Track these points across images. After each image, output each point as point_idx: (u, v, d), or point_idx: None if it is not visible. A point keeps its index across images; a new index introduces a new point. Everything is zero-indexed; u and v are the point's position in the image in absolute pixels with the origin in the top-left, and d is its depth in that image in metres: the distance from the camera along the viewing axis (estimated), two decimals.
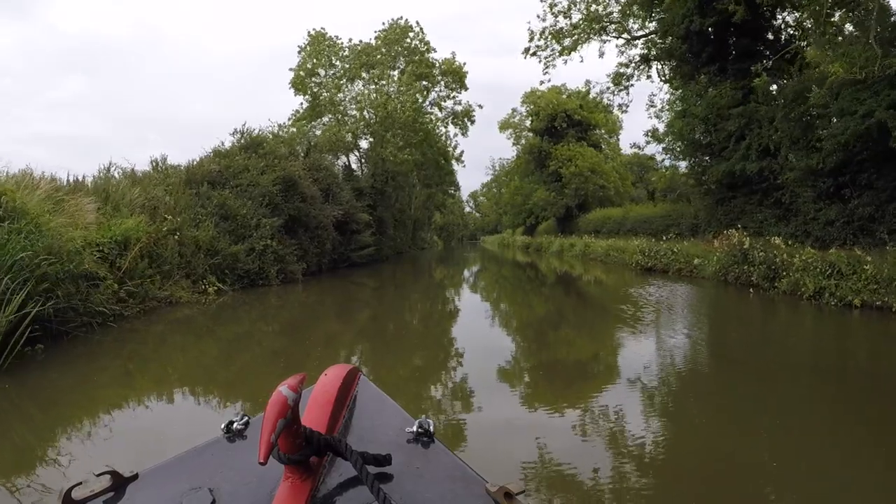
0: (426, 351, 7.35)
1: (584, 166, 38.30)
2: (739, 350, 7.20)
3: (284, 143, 18.78)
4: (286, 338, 8.38)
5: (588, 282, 17.91)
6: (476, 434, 3.98)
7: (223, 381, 5.72)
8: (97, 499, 0.92)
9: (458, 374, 5.91)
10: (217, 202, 12.72)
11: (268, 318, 10.53)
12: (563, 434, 3.97)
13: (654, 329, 8.49)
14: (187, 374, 6.02)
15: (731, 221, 18.62)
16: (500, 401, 4.82)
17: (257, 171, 14.44)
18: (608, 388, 5.31)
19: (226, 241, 12.23)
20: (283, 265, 13.49)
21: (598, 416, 4.40)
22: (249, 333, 8.52)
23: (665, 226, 24.34)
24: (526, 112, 45.78)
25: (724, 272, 14.11)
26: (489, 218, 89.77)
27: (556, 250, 33.31)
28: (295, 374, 0.87)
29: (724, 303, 11.80)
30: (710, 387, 5.47)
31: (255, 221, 13.09)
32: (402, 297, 14.33)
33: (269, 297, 12.51)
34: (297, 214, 14.81)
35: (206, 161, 15.26)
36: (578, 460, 3.41)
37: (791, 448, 3.70)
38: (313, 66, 30.69)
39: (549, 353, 7.22)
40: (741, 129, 17.09)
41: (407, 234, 38.90)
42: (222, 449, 1.04)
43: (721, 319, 10.05)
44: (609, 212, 33.86)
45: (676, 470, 3.43)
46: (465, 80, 30.97)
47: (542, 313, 11.40)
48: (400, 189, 30.21)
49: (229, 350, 7.36)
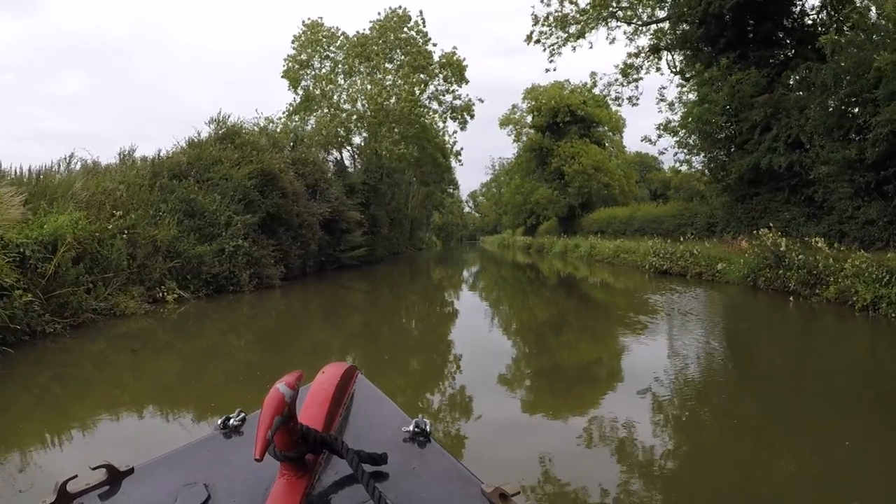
0: (413, 378, 5.82)
1: (588, 164, 36.83)
2: (789, 372, 5.76)
3: (267, 134, 17.24)
4: (257, 353, 6.90)
5: (599, 286, 16.40)
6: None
7: (176, 409, 4.28)
8: (92, 492, 0.90)
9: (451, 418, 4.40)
10: (180, 196, 11.20)
11: (236, 329, 9.02)
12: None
13: (687, 345, 6.99)
14: (119, 401, 4.51)
15: (753, 221, 17.17)
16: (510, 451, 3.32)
17: (231, 163, 12.92)
18: (652, 425, 3.82)
19: (190, 241, 10.72)
20: (257, 268, 11.95)
21: (649, 465, 2.91)
22: (211, 351, 6.99)
23: (677, 226, 22.89)
24: (527, 108, 44.38)
25: (752, 277, 12.63)
26: (489, 218, 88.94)
27: (559, 251, 31.81)
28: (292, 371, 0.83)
29: (761, 313, 10.28)
30: (769, 420, 3.99)
31: (225, 219, 11.57)
32: (393, 304, 12.82)
33: (240, 306, 11.00)
34: (277, 212, 13.29)
35: (177, 153, 13.77)
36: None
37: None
38: (308, 56, 29.21)
39: (565, 376, 5.71)
40: (767, 118, 15.59)
41: (404, 233, 37.39)
42: (218, 445, 1.03)
43: (763, 334, 8.54)
44: (615, 211, 32.40)
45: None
46: (464, 73, 29.42)
47: (550, 322, 9.87)
48: (396, 186, 28.66)
49: (187, 370, 5.88)
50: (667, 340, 7.44)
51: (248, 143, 14.23)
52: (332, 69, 28.24)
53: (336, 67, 28.32)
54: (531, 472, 3.14)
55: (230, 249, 11.20)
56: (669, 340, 7.44)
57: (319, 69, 29.15)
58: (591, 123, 40.80)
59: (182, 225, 10.98)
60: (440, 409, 4.63)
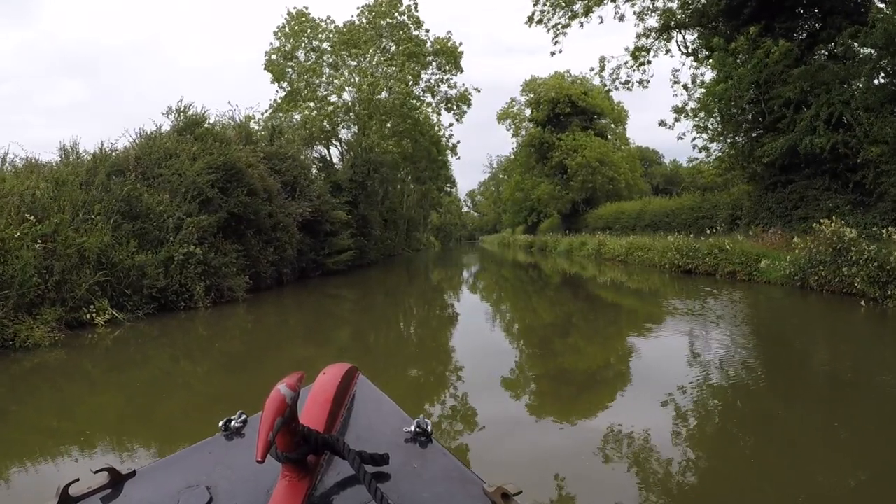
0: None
1: (592, 156, 34.91)
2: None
3: (240, 126, 15.34)
4: (217, 382, 5.03)
5: (616, 288, 14.51)
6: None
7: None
8: (94, 496, 0.89)
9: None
10: (120, 195, 9.31)
11: (191, 355, 7.13)
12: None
13: (761, 372, 5.09)
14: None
15: (787, 212, 15.32)
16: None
17: (188, 156, 11.03)
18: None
19: (128, 249, 8.82)
20: (216, 279, 10.04)
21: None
22: (153, 386, 5.09)
23: (694, 219, 21.04)
24: (526, 101, 42.50)
25: (800, 276, 10.78)
26: (488, 217, 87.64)
27: (563, 250, 29.93)
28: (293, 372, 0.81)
29: (839, 324, 8.35)
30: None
31: (175, 221, 9.68)
32: (384, 314, 10.92)
33: (194, 325, 9.10)
34: (243, 212, 11.37)
35: (128, 148, 11.89)
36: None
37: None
38: (292, 47, 27.32)
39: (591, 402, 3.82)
40: (803, 94, 13.70)
41: (399, 235, 35.48)
42: (220, 447, 1.02)
43: (870, 357, 6.64)
44: (622, 206, 30.53)
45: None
46: (459, 60, 27.49)
47: (574, 345, 7.98)
48: (388, 183, 26.69)
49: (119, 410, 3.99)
50: (749, 375, 5.54)
51: (211, 133, 12.31)
52: (318, 58, 26.32)
53: (322, 58, 26.41)
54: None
55: (180, 257, 9.30)
56: (752, 376, 5.54)
57: (305, 61, 27.27)
58: (593, 115, 38.96)
59: (121, 229, 9.08)
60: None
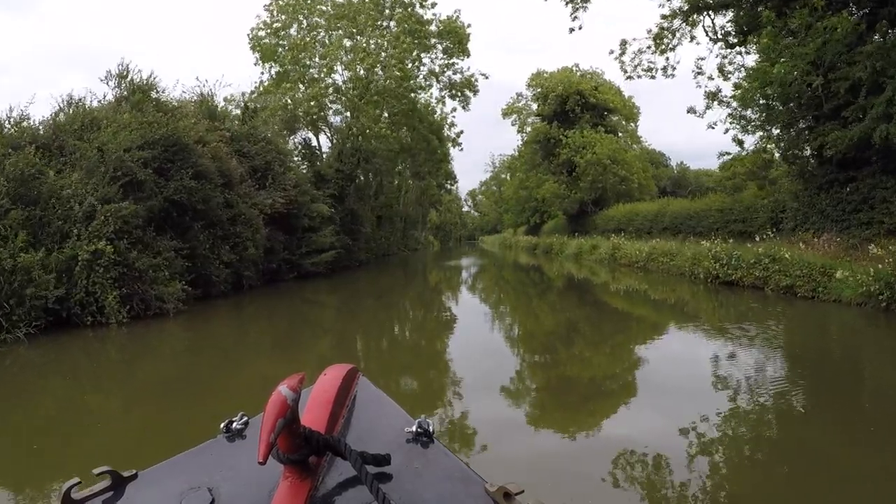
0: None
1: (604, 154, 32.59)
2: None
3: (201, 103, 12.99)
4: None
5: (656, 306, 12.20)
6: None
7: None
8: (96, 498, 0.89)
9: None
10: (11, 174, 7.00)
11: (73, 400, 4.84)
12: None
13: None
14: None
15: (845, 215, 13.03)
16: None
17: (117, 128, 8.70)
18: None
19: (12, 246, 6.51)
20: (139, 285, 7.68)
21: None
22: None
23: (724, 223, 18.72)
24: (532, 96, 40.17)
25: (886, 294, 8.53)
26: (488, 217, 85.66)
27: (571, 253, 27.63)
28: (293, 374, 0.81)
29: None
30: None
31: (86, 208, 7.35)
32: (367, 330, 8.61)
33: (105, 348, 6.79)
34: (188, 199, 9.03)
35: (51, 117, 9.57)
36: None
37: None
38: (283, 23, 24.99)
39: None
40: (875, 75, 11.39)
41: (395, 233, 33.17)
42: (221, 448, 1.01)
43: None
44: (636, 207, 28.18)
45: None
46: (466, 43, 25.08)
47: (585, 364, 5.67)
48: (382, 176, 24.35)
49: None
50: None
51: (154, 103, 9.98)
52: (313, 36, 23.97)
53: (315, 34, 24.06)
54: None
55: (86, 257, 6.97)
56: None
57: (298, 39, 24.91)
58: (604, 111, 36.66)
59: (7, 218, 6.77)
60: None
